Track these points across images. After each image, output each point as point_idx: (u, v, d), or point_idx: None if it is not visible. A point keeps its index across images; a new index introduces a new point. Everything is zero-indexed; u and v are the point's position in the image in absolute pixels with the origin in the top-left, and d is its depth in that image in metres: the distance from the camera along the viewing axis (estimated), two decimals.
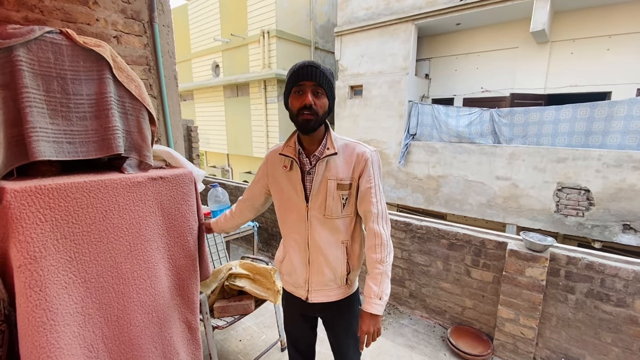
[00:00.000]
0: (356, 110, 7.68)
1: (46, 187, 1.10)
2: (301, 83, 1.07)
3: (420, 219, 2.70)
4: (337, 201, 1.15)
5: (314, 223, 1.17)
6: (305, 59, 1.16)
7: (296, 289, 1.30)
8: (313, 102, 1.06)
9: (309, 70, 1.06)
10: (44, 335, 1.09)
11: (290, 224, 1.24)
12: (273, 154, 1.26)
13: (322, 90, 1.08)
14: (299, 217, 1.19)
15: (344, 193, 1.14)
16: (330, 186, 1.13)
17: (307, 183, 1.17)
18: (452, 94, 7.47)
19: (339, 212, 1.16)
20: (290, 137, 1.22)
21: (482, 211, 6.10)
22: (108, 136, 1.35)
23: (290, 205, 1.21)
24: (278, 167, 1.23)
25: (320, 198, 1.15)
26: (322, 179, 1.14)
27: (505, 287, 2.20)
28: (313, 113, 1.07)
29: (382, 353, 2.26)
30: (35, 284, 1.07)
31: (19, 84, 1.15)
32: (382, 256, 1.12)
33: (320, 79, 1.06)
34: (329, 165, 1.14)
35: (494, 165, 5.85)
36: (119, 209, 1.28)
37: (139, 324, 1.36)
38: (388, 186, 7.23)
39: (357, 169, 1.15)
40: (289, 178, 1.19)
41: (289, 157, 1.18)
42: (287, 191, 1.21)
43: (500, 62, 6.76)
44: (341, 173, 1.14)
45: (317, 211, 1.16)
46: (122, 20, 1.81)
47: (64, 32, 1.27)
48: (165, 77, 2.03)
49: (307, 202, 1.16)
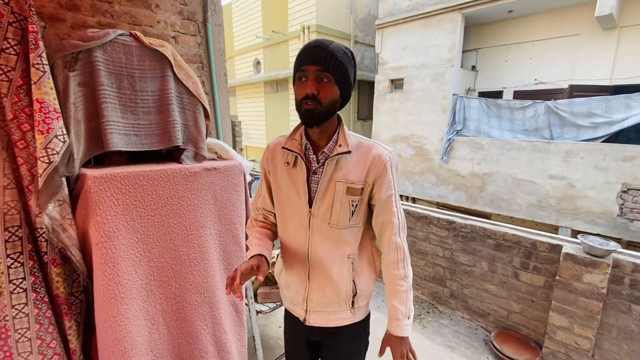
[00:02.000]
0: (396, 104, 7.50)
1: (119, 175, 1.23)
2: (303, 68, 0.89)
3: (465, 217, 2.60)
4: (345, 208, 0.97)
5: (316, 232, 1.00)
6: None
7: (294, 306, 1.13)
8: (316, 91, 0.87)
9: (313, 52, 0.87)
10: (115, 306, 1.23)
11: (290, 229, 1.06)
12: (274, 148, 1.07)
13: (328, 77, 0.88)
14: (299, 224, 1.02)
15: (354, 199, 0.97)
16: (338, 189, 0.96)
17: (312, 184, 0.99)
18: (501, 86, 7.02)
19: (346, 221, 0.98)
20: (295, 130, 1.03)
21: (532, 212, 5.70)
22: (169, 129, 1.47)
23: (290, 208, 1.03)
24: (279, 163, 1.04)
25: (326, 203, 0.97)
26: (329, 181, 0.96)
27: (559, 293, 2.06)
28: (316, 103, 0.89)
29: (421, 351, 2.23)
30: (109, 260, 1.21)
31: (97, 82, 1.29)
32: (405, 272, 1.01)
33: (326, 63, 0.86)
34: (339, 164, 0.96)
35: (547, 163, 5.43)
36: (178, 196, 1.39)
37: (193, 302, 1.48)
38: (428, 183, 7.01)
39: (372, 172, 0.97)
40: (290, 176, 1.01)
41: (293, 152, 0.99)
42: (286, 191, 1.03)
43: (558, 51, 6.21)
44: (353, 175, 0.96)
45: (321, 218, 0.98)
46: (179, 21, 1.94)
47: (133, 34, 1.39)
48: (217, 74, 2.14)
49: (310, 206, 0.99)
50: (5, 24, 1.05)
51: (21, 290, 1.14)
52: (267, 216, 1.16)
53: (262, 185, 1.13)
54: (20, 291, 1.14)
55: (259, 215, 1.16)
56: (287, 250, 1.08)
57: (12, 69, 1.07)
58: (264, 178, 1.11)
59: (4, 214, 1.09)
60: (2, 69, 1.06)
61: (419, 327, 2.55)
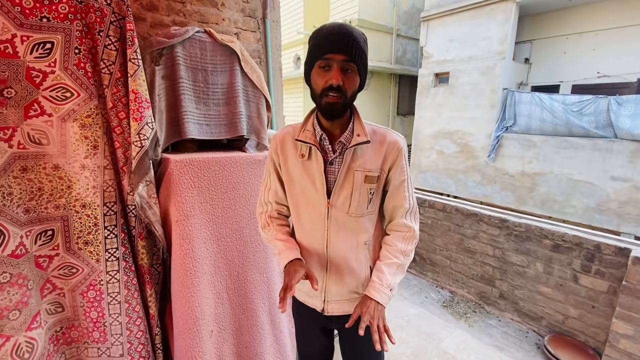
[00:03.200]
0: (440, 99, 7.26)
1: (196, 160, 1.35)
2: (328, 56, 0.83)
3: (519, 216, 2.49)
4: (363, 196, 0.96)
5: (335, 222, 0.98)
6: (340, 26, 0.85)
7: (310, 298, 1.10)
8: (341, 82, 0.84)
9: (340, 40, 0.82)
10: (189, 278, 1.36)
11: (305, 221, 1.03)
12: (283, 138, 1.02)
13: (353, 67, 0.85)
14: (317, 215, 0.99)
15: (371, 187, 0.96)
16: (357, 178, 0.94)
17: (329, 174, 0.96)
18: (558, 80, 6.52)
19: (364, 209, 0.97)
20: (306, 119, 0.99)
21: (589, 216, 5.28)
22: (235, 120, 1.58)
23: (305, 200, 1.00)
24: (290, 155, 1.00)
25: (345, 193, 0.95)
26: (347, 170, 0.94)
27: (625, 299, 1.92)
28: (341, 95, 0.85)
29: (467, 349, 2.20)
30: (186, 236, 1.34)
31: (177, 75, 1.42)
32: (408, 248, 0.99)
33: (352, 53, 0.83)
34: (356, 153, 0.94)
35: (609, 164, 4.99)
36: (244, 181, 1.50)
37: (254, 281, 1.58)
38: (472, 182, 6.74)
39: (388, 159, 0.96)
40: (305, 168, 0.97)
41: (307, 144, 0.95)
42: (300, 183, 1.00)
43: (626, 41, 5.64)
44: (370, 163, 0.95)
45: (340, 208, 0.96)
46: (241, 18, 2.05)
47: (207, 31, 1.51)
48: (273, 68, 2.24)
49: (328, 197, 0.96)
50: (108, 22, 1.19)
51: (114, 258, 1.30)
52: (280, 210, 1.11)
53: (269, 177, 1.08)
54: (114, 259, 1.30)
55: (272, 211, 1.10)
56: (302, 243, 1.05)
57: (113, 63, 1.22)
58: (273, 170, 1.06)
59: (103, 191, 1.25)
60: (105, 62, 1.21)
61: (464, 326, 2.50)
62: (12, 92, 1.05)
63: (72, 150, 1.18)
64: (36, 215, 1.15)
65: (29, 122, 1.10)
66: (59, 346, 1.28)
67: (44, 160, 1.14)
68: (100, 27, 1.17)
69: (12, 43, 1.03)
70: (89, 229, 1.24)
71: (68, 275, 1.24)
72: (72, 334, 1.30)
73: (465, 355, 2.12)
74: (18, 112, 1.08)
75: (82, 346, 1.33)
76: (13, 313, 1.09)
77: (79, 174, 1.20)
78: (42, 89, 1.10)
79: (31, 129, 1.10)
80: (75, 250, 1.24)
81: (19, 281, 1.10)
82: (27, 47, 1.06)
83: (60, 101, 1.14)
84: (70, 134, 1.17)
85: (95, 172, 1.22)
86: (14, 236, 1.08)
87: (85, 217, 1.23)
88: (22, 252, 1.11)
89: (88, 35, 1.16)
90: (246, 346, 1.58)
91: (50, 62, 1.10)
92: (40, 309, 1.19)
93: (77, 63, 1.15)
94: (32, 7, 1.05)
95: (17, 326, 1.09)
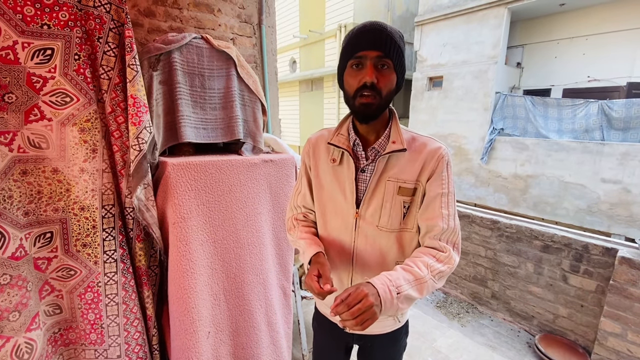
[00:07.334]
0: (434, 102, 7.35)
1: (192, 163, 1.38)
2: (361, 54, 0.78)
3: (510, 217, 2.55)
4: (396, 209, 0.87)
5: (363, 235, 0.91)
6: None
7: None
8: (376, 79, 0.78)
9: (372, 35, 0.77)
10: (186, 280, 1.38)
11: (331, 230, 0.97)
12: (316, 142, 0.99)
13: (389, 63, 0.79)
14: (345, 225, 0.93)
15: (405, 200, 0.87)
16: (388, 189, 0.87)
17: (360, 183, 0.90)
18: (550, 84, 6.64)
19: (396, 224, 0.88)
20: (341, 123, 0.95)
21: (580, 217, 5.37)
22: (232, 124, 1.61)
23: (333, 208, 0.95)
24: (322, 159, 0.96)
25: (375, 203, 0.88)
26: (379, 179, 0.88)
27: (612, 298, 1.97)
28: (375, 94, 0.79)
29: (460, 348, 2.23)
30: (183, 238, 1.36)
31: (174, 80, 1.45)
32: (437, 267, 0.81)
33: (387, 47, 0.77)
34: (390, 162, 0.87)
35: (599, 166, 5.09)
36: (240, 184, 1.53)
37: (250, 282, 1.61)
38: (466, 184, 6.82)
39: (426, 169, 0.85)
40: (335, 174, 0.93)
41: (339, 149, 0.90)
42: (330, 189, 0.95)
43: (615, 46, 5.77)
44: (405, 174, 0.86)
45: (369, 220, 0.89)
46: (237, 24, 2.09)
47: (204, 37, 1.54)
48: (268, 73, 2.28)
49: (357, 207, 0.90)
50: (107, 29, 1.22)
51: (112, 260, 1.32)
52: (307, 215, 1.07)
53: (301, 181, 1.04)
54: (112, 261, 1.32)
55: (298, 214, 1.07)
56: (327, 253, 0.97)
57: (112, 69, 1.25)
58: (304, 174, 1.03)
59: (101, 194, 1.27)
60: (104, 68, 1.23)
61: (458, 325, 2.54)
62: (13, 97, 1.08)
63: (71, 154, 1.20)
64: (35, 218, 1.17)
65: (29, 126, 1.12)
66: (57, 347, 1.30)
67: (44, 163, 1.17)
68: (100, 34, 1.20)
69: (14, 49, 1.06)
70: (88, 231, 1.26)
71: (66, 277, 1.26)
72: (69, 335, 1.32)
73: (458, 355, 2.16)
74: (18, 116, 1.10)
75: (79, 348, 1.34)
76: (13, 314, 1.10)
77: (77, 177, 1.22)
78: (42, 94, 1.13)
79: (31, 133, 1.13)
80: (74, 252, 1.26)
81: (18, 283, 1.12)
82: (28, 54, 1.08)
83: (59, 106, 1.16)
84: (70, 138, 1.19)
85: (93, 175, 1.25)
86: (13, 238, 1.10)
87: (83, 219, 1.25)
88: (21, 254, 1.13)
89: (88, 42, 1.19)
90: (243, 347, 1.60)
91: (50, 68, 1.12)
92: (39, 311, 1.20)
93: (77, 69, 1.17)
94: (33, 15, 1.08)
95: (16, 327, 1.11)
